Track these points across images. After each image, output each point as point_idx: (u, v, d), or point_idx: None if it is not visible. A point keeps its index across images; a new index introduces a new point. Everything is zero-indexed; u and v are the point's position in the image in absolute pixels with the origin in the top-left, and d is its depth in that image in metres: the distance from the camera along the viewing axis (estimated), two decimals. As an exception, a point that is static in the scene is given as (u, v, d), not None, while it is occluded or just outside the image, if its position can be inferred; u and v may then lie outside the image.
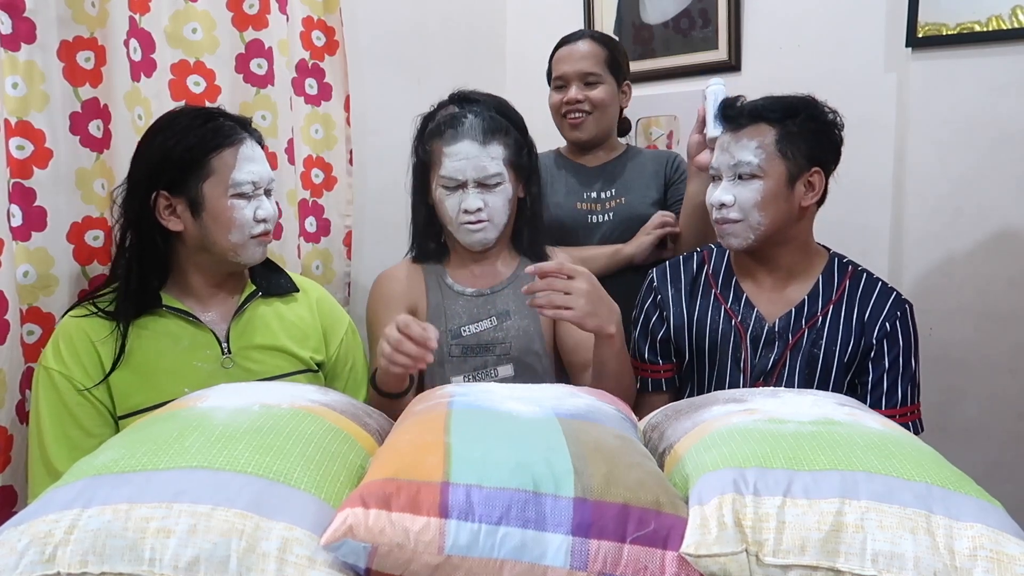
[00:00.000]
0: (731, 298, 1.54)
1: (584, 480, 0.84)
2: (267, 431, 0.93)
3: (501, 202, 1.56)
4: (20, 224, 1.38)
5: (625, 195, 1.91)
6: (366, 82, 2.11)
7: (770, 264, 1.51)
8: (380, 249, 2.15)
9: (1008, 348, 1.84)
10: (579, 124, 1.90)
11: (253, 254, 1.41)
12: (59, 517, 0.80)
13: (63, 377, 1.29)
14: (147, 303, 1.36)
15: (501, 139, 1.56)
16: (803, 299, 1.49)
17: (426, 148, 1.59)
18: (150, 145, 1.36)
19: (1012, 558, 0.78)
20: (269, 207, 1.40)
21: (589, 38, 1.93)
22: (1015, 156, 1.79)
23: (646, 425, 1.19)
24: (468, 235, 1.57)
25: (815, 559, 0.79)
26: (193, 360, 1.37)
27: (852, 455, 0.88)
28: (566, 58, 1.91)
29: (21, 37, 1.36)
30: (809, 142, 1.43)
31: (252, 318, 1.45)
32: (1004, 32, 1.76)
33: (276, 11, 1.77)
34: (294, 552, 0.78)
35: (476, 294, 1.61)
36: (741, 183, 1.43)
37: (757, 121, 1.43)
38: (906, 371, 1.46)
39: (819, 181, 1.45)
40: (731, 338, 1.51)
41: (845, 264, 1.52)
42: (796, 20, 2.09)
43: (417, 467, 0.85)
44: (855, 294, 1.48)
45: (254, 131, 1.42)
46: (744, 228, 1.44)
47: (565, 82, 1.90)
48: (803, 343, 1.47)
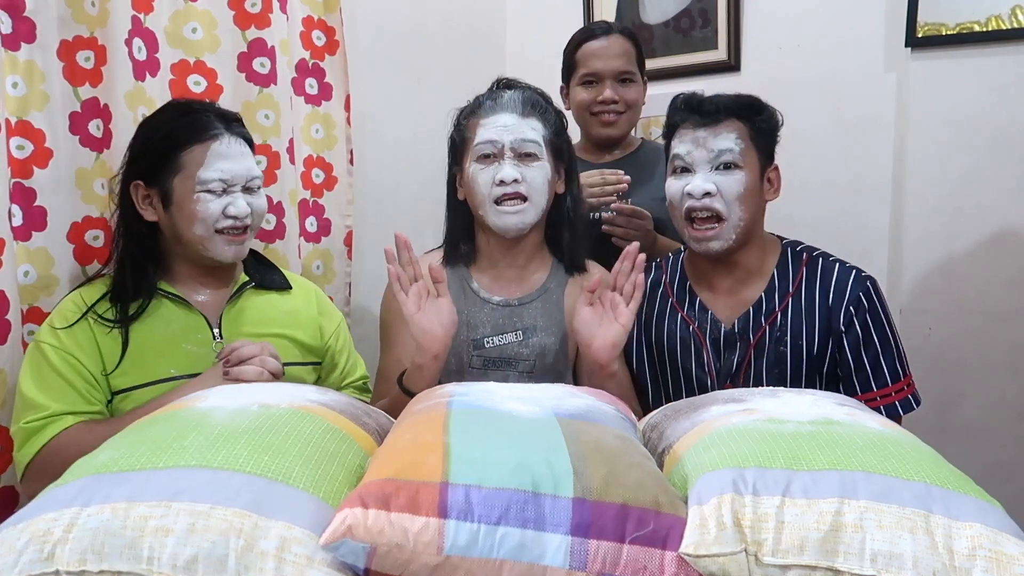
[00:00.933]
0: (687, 304, 1.52)
1: (583, 480, 0.84)
2: (266, 431, 0.93)
3: (540, 179, 1.46)
4: (21, 224, 1.38)
5: (634, 196, 1.83)
6: (366, 82, 2.11)
7: (729, 266, 1.48)
8: (381, 249, 2.14)
9: (1008, 348, 1.84)
10: (613, 123, 1.85)
11: (222, 250, 1.39)
12: (58, 515, 0.80)
13: (51, 347, 1.30)
14: (143, 287, 1.37)
15: (541, 116, 1.49)
16: (759, 297, 1.47)
17: (461, 128, 1.52)
18: (136, 135, 1.41)
19: (1011, 558, 0.78)
20: (242, 204, 1.38)
21: (620, 34, 1.86)
22: (1015, 156, 1.79)
23: (645, 425, 1.19)
24: (502, 217, 1.45)
25: (814, 559, 0.79)
26: (183, 343, 1.38)
27: (851, 455, 0.88)
28: (599, 54, 1.83)
29: (21, 37, 1.36)
30: (768, 139, 1.46)
31: (246, 307, 1.47)
32: (1004, 32, 1.76)
33: (278, 10, 1.77)
34: (292, 551, 0.78)
35: (503, 303, 1.52)
36: (722, 173, 1.41)
37: (731, 116, 1.43)
38: (885, 347, 1.42)
39: (776, 178, 1.47)
40: (691, 344, 1.50)
41: (800, 252, 1.49)
42: (796, 20, 2.09)
43: (416, 467, 0.85)
44: (813, 282, 1.45)
45: (237, 127, 1.42)
46: (727, 228, 1.42)
47: (598, 79, 1.84)
48: (766, 342, 1.45)
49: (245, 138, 1.43)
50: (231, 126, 1.41)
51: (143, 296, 1.37)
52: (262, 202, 1.44)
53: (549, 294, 1.54)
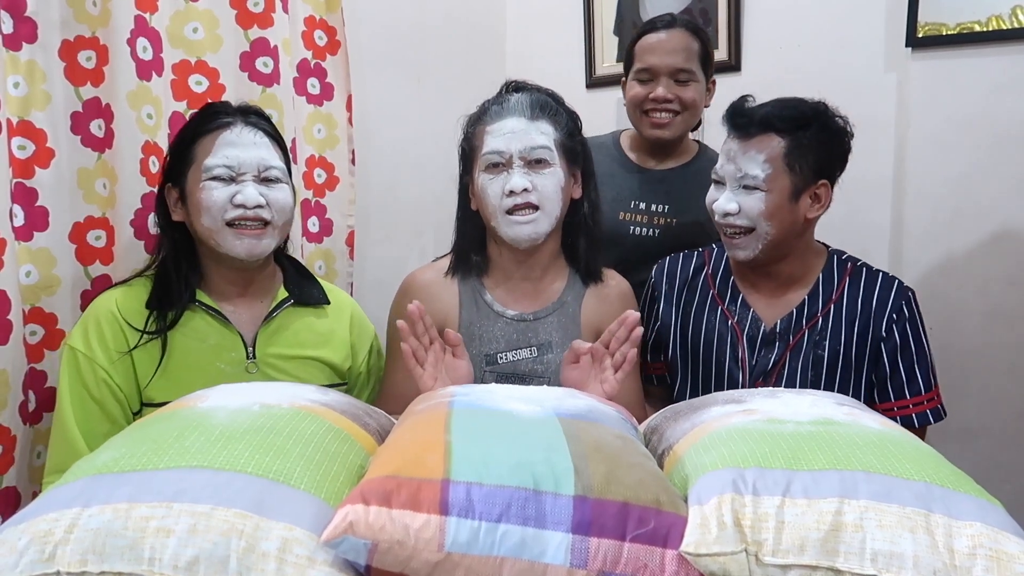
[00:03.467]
0: (728, 298, 1.53)
1: (584, 478, 0.85)
2: (267, 431, 0.93)
3: (552, 186, 1.38)
4: (22, 224, 1.38)
5: (678, 215, 1.74)
6: (366, 81, 2.11)
7: (773, 273, 1.49)
8: (382, 249, 2.15)
9: (1008, 348, 1.84)
10: (665, 124, 1.73)
11: (232, 244, 1.34)
12: (59, 516, 0.80)
13: (86, 358, 1.31)
14: (180, 294, 1.37)
15: (551, 118, 1.41)
16: (803, 300, 1.48)
17: (469, 136, 1.46)
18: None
19: (1011, 556, 0.78)
20: (252, 193, 1.32)
21: (683, 28, 1.73)
22: (1015, 156, 1.79)
23: (646, 428, 1.19)
24: (514, 227, 1.38)
25: (814, 558, 0.79)
26: (217, 361, 1.37)
27: (851, 455, 0.89)
28: (656, 48, 1.71)
29: (22, 37, 1.36)
30: (818, 155, 1.38)
31: (281, 327, 1.44)
32: (1004, 32, 1.76)
33: (280, 10, 1.77)
34: (294, 552, 0.78)
35: (517, 318, 1.46)
36: (745, 192, 1.40)
37: (767, 130, 1.38)
38: (920, 357, 1.44)
39: (825, 194, 1.42)
40: (727, 338, 1.50)
41: (844, 261, 1.50)
42: (796, 20, 2.09)
43: (418, 465, 0.85)
44: (856, 291, 1.46)
45: (254, 118, 1.40)
46: (753, 239, 1.41)
47: (652, 75, 1.72)
48: (803, 344, 1.46)
49: (265, 131, 1.39)
50: (247, 117, 1.38)
51: (180, 304, 1.36)
52: (281, 195, 1.37)
53: (566, 308, 1.48)
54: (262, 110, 1.47)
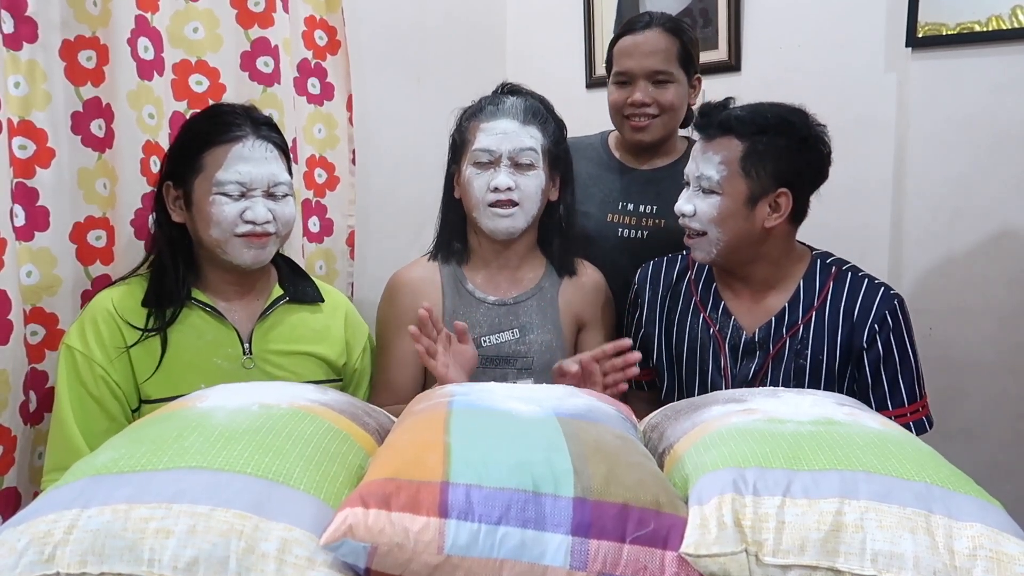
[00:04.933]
0: (710, 306, 1.50)
1: (584, 480, 0.84)
2: (266, 431, 0.93)
3: (534, 187, 1.49)
4: (23, 224, 1.38)
5: (667, 216, 1.65)
6: (367, 81, 2.11)
7: (745, 278, 1.47)
8: (383, 249, 2.15)
9: (1008, 348, 1.84)
10: (644, 127, 1.70)
11: (240, 253, 1.36)
12: (58, 517, 0.80)
13: (83, 357, 1.31)
14: (176, 292, 1.37)
15: (540, 125, 1.52)
16: (783, 307, 1.44)
17: (462, 128, 1.54)
18: (175, 137, 1.43)
19: (1012, 557, 0.78)
20: (261, 210, 1.35)
21: (659, 27, 1.68)
22: (1015, 156, 1.79)
23: (646, 425, 1.19)
24: (494, 220, 1.49)
25: (815, 559, 0.79)
26: (214, 357, 1.38)
27: (852, 455, 0.89)
28: (632, 51, 1.68)
29: (23, 36, 1.36)
30: (776, 162, 1.35)
31: (277, 323, 1.46)
32: (1004, 32, 1.76)
33: (280, 9, 1.77)
34: (293, 553, 0.78)
35: (498, 303, 1.55)
36: (702, 195, 1.39)
37: (726, 133, 1.36)
38: (904, 367, 1.40)
39: (786, 203, 1.37)
40: (709, 346, 1.48)
41: (829, 265, 1.45)
42: (796, 20, 2.09)
43: (417, 467, 0.85)
44: (840, 297, 1.41)
45: (266, 131, 1.40)
46: (706, 242, 1.40)
47: (630, 79, 1.69)
48: (785, 353, 1.43)
49: (276, 144, 1.40)
50: (259, 129, 1.38)
51: (177, 301, 1.37)
52: (287, 210, 1.39)
53: (544, 292, 1.58)
54: (271, 119, 1.46)
